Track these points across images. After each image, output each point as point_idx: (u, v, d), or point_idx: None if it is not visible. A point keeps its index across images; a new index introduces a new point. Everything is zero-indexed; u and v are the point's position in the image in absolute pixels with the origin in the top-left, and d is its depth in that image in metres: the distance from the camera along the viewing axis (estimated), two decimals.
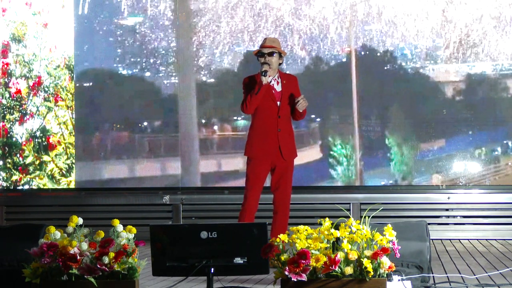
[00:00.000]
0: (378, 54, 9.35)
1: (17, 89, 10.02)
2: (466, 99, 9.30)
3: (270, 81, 6.66)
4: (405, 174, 9.30)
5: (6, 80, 10.07)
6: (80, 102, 9.84)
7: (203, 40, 9.60)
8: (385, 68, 9.35)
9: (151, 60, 9.72)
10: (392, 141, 9.32)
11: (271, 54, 6.65)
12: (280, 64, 6.74)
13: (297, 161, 6.92)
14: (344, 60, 9.39)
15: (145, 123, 9.75)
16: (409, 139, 9.31)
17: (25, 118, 10.02)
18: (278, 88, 6.70)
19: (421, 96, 9.30)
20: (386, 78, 9.35)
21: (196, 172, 9.59)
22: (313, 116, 9.46)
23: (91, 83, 9.88)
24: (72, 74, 9.86)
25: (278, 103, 6.66)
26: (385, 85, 9.34)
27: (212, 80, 9.61)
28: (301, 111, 6.66)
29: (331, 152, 9.37)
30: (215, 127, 9.60)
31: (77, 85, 9.87)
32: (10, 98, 10.04)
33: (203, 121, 9.62)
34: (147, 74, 9.73)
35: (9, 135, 10.03)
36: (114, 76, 9.80)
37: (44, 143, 9.95)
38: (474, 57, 9.25)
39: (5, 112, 10.04)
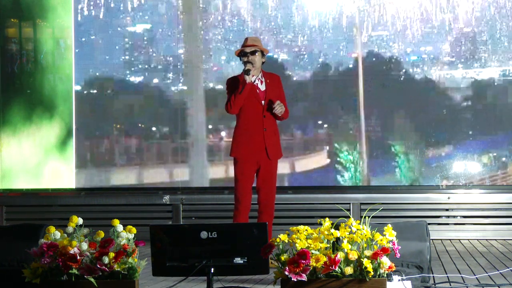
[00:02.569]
0: (385, 59, 9.35)
1: None
2: (473, 104, 9.29)
3: (254, 81, 6.61)
4: (412, 180, 9.29)
5: None
6: (88, 109, 9.85)
7: (210, 46, 9.60)
8: (392, 73, 9.35)
9: (159, 67, 9.74)
10: (399, 147, 9.31)
11: (253, 53, 6.59)
12: (263, 63, 6.70)
13: (304, 167, 6.88)
14: (351, 66, 9.39)
15: (153, 129, 9.76)
16: (416, 145, 9.29)
17: None
18: (262, 87, 6.65)
19: (427, 102, 9.29)
20: (393, 83, 9.34)
21: (205, 178, 9.59)
22: (320, 122, 9.46)
23: (99, 90, 9.90)
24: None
25: (263, 102, 6.62)
26: (392, 91, 9.34)
27: (220, 86, 9.60)
28: (279, 115, 6.64)
29: (338, 159, 9.36)
30: (223, 133, 9.62)
31: (85, 92, 9.88)
32: None
33: (210, 126, 9.62)
34: (155, 80, 9.75)
35: None
36: (122, 82, 9.82)
37: None
38: (481, 63, 9.25)
39: None
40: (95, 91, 9.91)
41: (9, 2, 10.01)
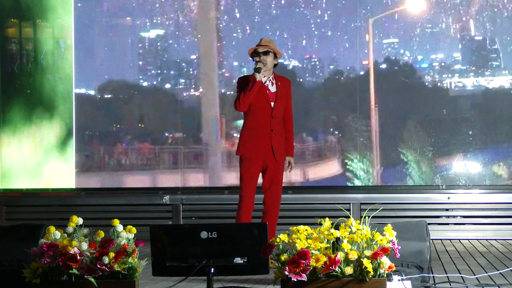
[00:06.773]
0: (396, 66, 9.35)
1: None
2: (483, 112, 9.28)
3: (265, 82, 6.65)
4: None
5: None
6: (101, 113, 9.87)
7: (223, 52, 9.62)
8: (404, 81, 9.35)
9: (172, 72, 9.75)
10: (410, 155, 9.31)
11: (266, 53, 6.62)
12: (275, 65, 6.72)
13: (316, 174, 6.87)
14: (362, 73, 9.39)
15: (166, 134, 9.78)
16: (428, 153, 9.29)
17: None
18: (272, 89, 6.69)
19: (439, 110, 9.30)
20: (404, 91, 9.35)
21: (219, 183, 9.58)
22: (331, 129, 9.47)
23: (112, 95, 9.92)
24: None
25: (272, 103, 6.65)
26: (403, 98, 9.35)
27: (233, 92, 9.61)
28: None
29: (348, 166, 9.36)
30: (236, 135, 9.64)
31: (98, 96, 9.90)
32: None
33: (223, 132, 9.64)
34: (167, 86, 9.77)
35: None
36: (135, 87, 9.84)
37: None
38: (491, 71, 9.25)
39: None
40: (108, 95, 9.93)
41: (9, 2, 10.02)
